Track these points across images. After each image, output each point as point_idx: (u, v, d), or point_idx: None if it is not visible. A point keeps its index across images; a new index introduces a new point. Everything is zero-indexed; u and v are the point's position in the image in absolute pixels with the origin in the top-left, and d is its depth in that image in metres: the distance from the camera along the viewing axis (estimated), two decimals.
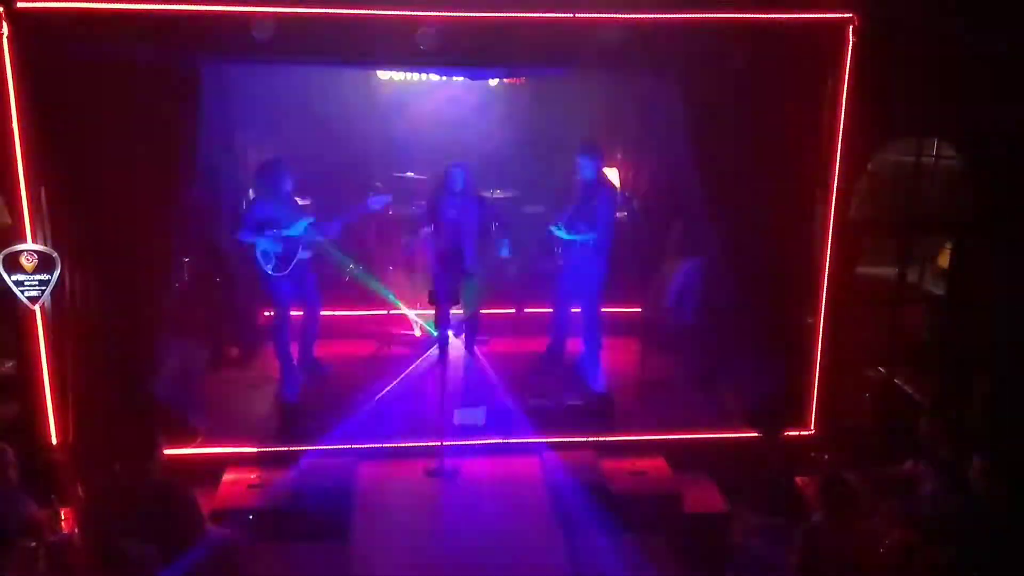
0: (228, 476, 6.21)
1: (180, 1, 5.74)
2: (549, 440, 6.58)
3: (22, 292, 5.91)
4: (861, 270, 7.22)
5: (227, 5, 5.84)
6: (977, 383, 7.36)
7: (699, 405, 7.33)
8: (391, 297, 8.29)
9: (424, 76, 9.91)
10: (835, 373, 6.87)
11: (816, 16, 6.27)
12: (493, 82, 10.05)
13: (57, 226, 6.00)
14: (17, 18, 5.62)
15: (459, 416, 6.60)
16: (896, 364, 7.64)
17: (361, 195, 7.78)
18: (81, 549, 4.90)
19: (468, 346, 7.81)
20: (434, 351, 6.76)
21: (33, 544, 4.97)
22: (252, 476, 6.20)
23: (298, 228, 7.09)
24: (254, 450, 6.44)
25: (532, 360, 7.98)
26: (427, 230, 7.74)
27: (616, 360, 7.73)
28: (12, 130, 5.74)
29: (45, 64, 5.75)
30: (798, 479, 6.33)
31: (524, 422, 6.75)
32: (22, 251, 5.86)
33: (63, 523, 5.43)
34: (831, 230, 6.60)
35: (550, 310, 8.08)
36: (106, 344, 6.19)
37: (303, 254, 7.23)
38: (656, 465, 6.43)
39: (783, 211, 6.61)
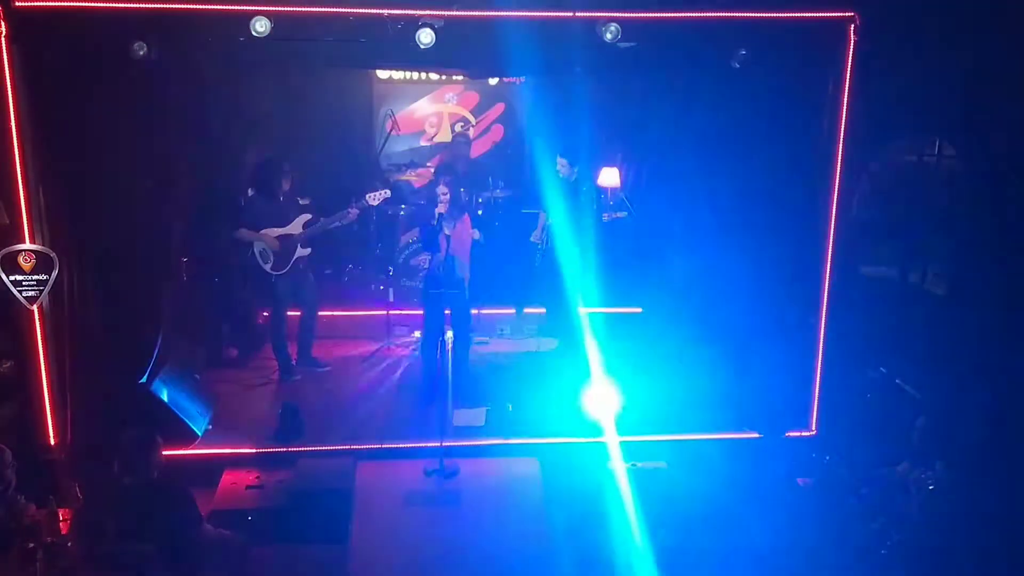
0: (227, 477, 6.18)
1: (179, 0, 5.72)
2: (549, 440, 6.57)
3: (20, 292, 5.88)
4: (863, 270, 7.20)
5: (227, 4, 5.81)
6: (977, 384, 7.33)
7: (699, 405, 7.30)
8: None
9: (424, 75, 9.94)
10: (837, 374, 6.84)
11: (817, 15, 6.25)
12: (493, 81, 10.06)
13: (55, 226, 5.97)
14: (15, 17, 5.58)
15: (459, 416, 6.59)
16: (897, 364, 7.60)
17: (360, 191, 7.76)
18: (79, 550, 4.88)
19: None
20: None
21: (31, 545, 4.95)
22: (251, 477, 6.16)
23: (296, 225, 7.07)
24: (253, 451, 6.41)
25: (534, 360, 7.97)
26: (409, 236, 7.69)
27: (615, 360, 7.68)
28: (10, 129, 5.70)
29: (43, 63, 5.72)
30: (799, 480, 6.31)
31: (524, 422, 6.74)
32: (20, 251, 5.83)
33: (61, 524, 5.40)
34: (832, 229, 6.57)
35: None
36: (104, 344, 6.17)
37: (302, 251, 7.21)
38: (656, 466, 6.38)
39: (784, 210, 6.59)
